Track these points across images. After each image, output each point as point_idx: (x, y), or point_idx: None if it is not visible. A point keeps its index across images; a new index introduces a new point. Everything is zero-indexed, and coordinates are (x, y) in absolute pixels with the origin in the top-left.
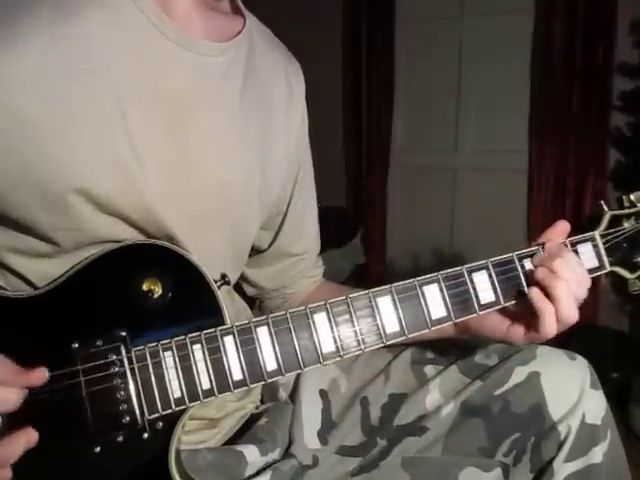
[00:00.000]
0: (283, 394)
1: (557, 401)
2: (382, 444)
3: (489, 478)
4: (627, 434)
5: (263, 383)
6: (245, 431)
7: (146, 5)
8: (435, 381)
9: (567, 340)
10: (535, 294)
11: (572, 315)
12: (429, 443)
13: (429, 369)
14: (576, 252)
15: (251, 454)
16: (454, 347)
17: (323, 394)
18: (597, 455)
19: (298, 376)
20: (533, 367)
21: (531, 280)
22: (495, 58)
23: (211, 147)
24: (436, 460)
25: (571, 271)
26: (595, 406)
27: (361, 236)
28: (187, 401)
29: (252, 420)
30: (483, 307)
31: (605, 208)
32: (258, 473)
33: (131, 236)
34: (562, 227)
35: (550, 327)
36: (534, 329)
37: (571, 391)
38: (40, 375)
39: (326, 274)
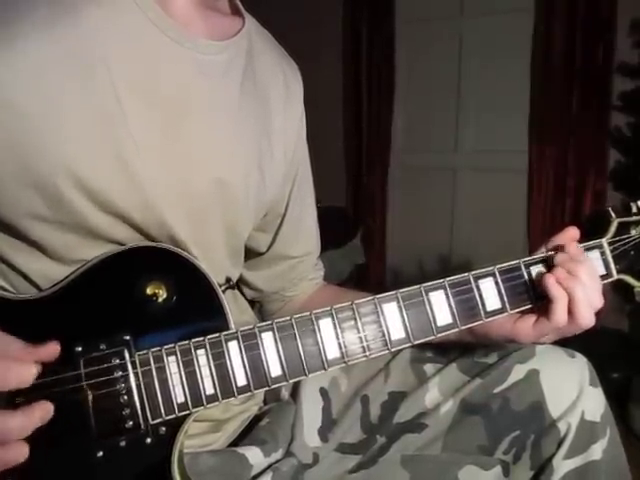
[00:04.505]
0: (285, 394)
1: (556, 398)
2: (381, 441)
3: (489, 476)
4: (627, 434)
5: (267, 389)
6: (247, 432)
7: (144, 2)
8: (434, 379)
9: (567, 340)
10: (550, 281)
11: (589, 318)
12: (428, 441)
13: (429, 367)
14: None
15: (254, 456)
16: (454, 345)
17: (324, 392)
18: (596, 452)
19: None
20: (532, 365)
21: (542, 284)
22: (495, 58)
23: (209, 145)
24: (435, 458)
25: (590, 276)
26: (594, 403)
27: (361, 236)
28: (190, 406)
29: (254, 421)
30: (489, 314)
31: (613, 215)
32: (259, 474)
33: (131, 237)
34: (572, 233)
35: (561, 316)
36: (544, 317)
37: (570, 388)
38: (53, 348)
39: (326, 274)
